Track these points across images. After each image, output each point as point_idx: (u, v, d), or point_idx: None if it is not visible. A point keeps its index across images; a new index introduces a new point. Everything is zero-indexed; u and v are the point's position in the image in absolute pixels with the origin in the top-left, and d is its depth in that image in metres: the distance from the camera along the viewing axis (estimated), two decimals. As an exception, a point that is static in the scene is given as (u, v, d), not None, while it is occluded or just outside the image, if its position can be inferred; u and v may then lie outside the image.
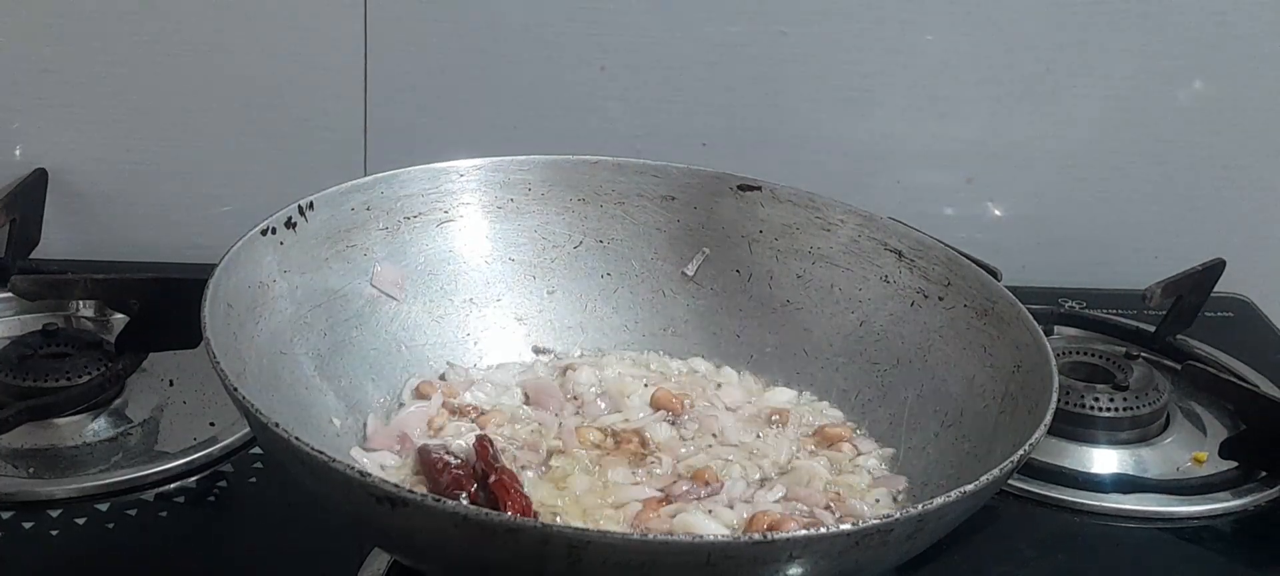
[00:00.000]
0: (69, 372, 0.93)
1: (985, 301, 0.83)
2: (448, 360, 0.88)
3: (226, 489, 0.89)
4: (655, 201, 0.93)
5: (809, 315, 0.90)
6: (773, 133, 1.18)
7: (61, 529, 0.84)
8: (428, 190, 0.89)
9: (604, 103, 1.17)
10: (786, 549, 0.61)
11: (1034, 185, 1.22)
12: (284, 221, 0.82)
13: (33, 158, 1.15)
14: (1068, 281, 1.21)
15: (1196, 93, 1.20)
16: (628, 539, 0.63)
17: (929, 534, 0.66)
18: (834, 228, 0.90)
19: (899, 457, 0.83)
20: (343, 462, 0.62)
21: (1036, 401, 0.74)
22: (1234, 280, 1.16)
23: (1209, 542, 0.92)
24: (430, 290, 0.89)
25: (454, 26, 1.14)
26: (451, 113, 1.16)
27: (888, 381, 0.86)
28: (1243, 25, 1.18)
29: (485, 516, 0.60)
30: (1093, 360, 1.04)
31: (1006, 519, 0.91)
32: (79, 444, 0.92)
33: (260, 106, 1.15)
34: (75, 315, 1.05)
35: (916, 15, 1.16)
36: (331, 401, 0.81)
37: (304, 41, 1.13)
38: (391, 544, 0.71)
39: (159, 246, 1.16)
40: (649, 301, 0.92)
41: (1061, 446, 0.97)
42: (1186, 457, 0.98)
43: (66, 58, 1.12)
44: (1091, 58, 1.18)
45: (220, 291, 0.74)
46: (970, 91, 1.19)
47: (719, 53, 1.16)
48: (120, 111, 1.14)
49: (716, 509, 0.76)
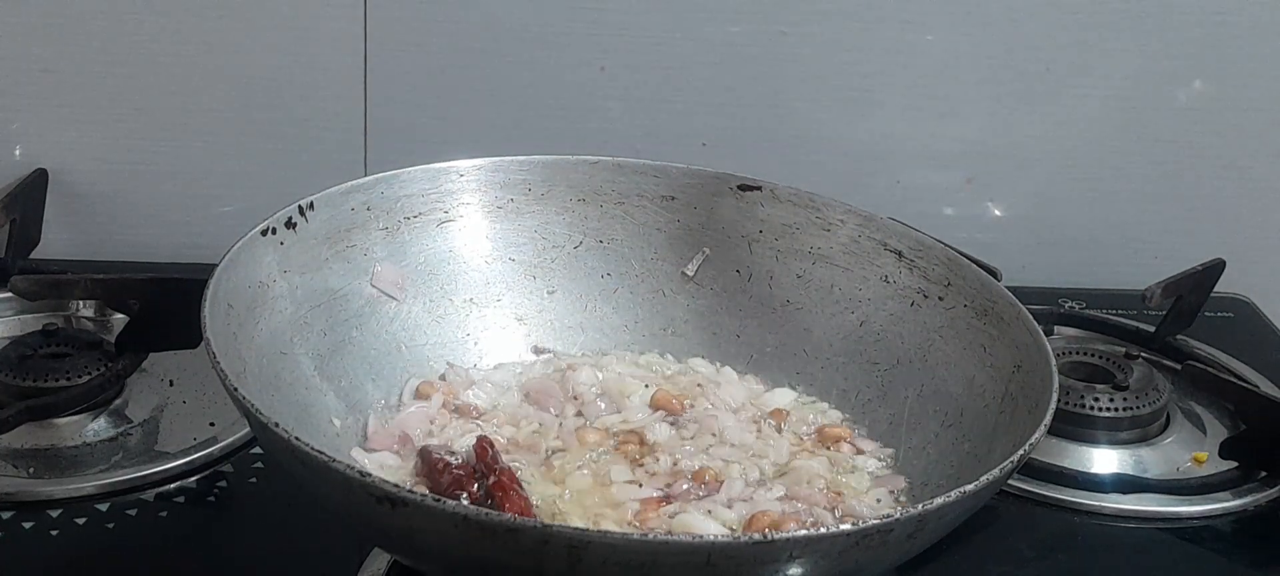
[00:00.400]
0: (69, 372, 0.93)
1: (985, 301, 0.83)
2: (448, 360, 0.88)
3: (226, 489, 0.89)
4: (655, 201, 0.93)
5: (809, 315, 0.90)
6: (773, 133, 1.18)
7: (61, 529, 0.84)
8: (428, 190, 0.89)
9: (604, 103, 1.17)
10: (786, 549, 0.61)
11: (1034, 185, 1.22)
12: (284, 221, 0.82)
13: (33, 158, 1.15)
14: (1068, 281, 1.22)
15: (1196, 93, 1.20)
16: (628, 539, 0.63)
17: (929, 534, 0.66)
18: (834, 228, 0.90)
19: (899, 457, 0.83)
20: (343, 462, 0.62)
21: (1036, 401, 0.74)
22: (1234, 280, 1.16)
23: (1209, 542, 0.92)
24: (430, 290, 0.89)
25: (454, 26, 1.14)
26: (451, 113, 1.16)
27: (888, 381, 0.86)
28: (1243, 25, 1.18)
29: (485, 516, 0.60)
30: (1093, 360, 1.04)
31: (1006, 519, 0.91)
32: (79, 444, 0.92)
33: (260, 106, 1.15)
34: (75, 315, 1.05)
35: (916, 15, 1.16)
36: (331, 401, 0.81)
37: (304, 41, 1.13)
38: (391, 544, 0.71)
39: (159, 246, 1.16)
40: (649, 301, 0.92)
41: (1061, 446, 0.97)
42: (1186, 457, 0.98)
43: (66, 58, 1.12)
44: (1091, 58, 1.18)
45: (220, 291, 0.74)
46: (970, 91, 1.19)
47: (719, 53, 1.16)
48: (120, 111, 1.14)
49: (716, 509, 0.76)
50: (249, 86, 1.14)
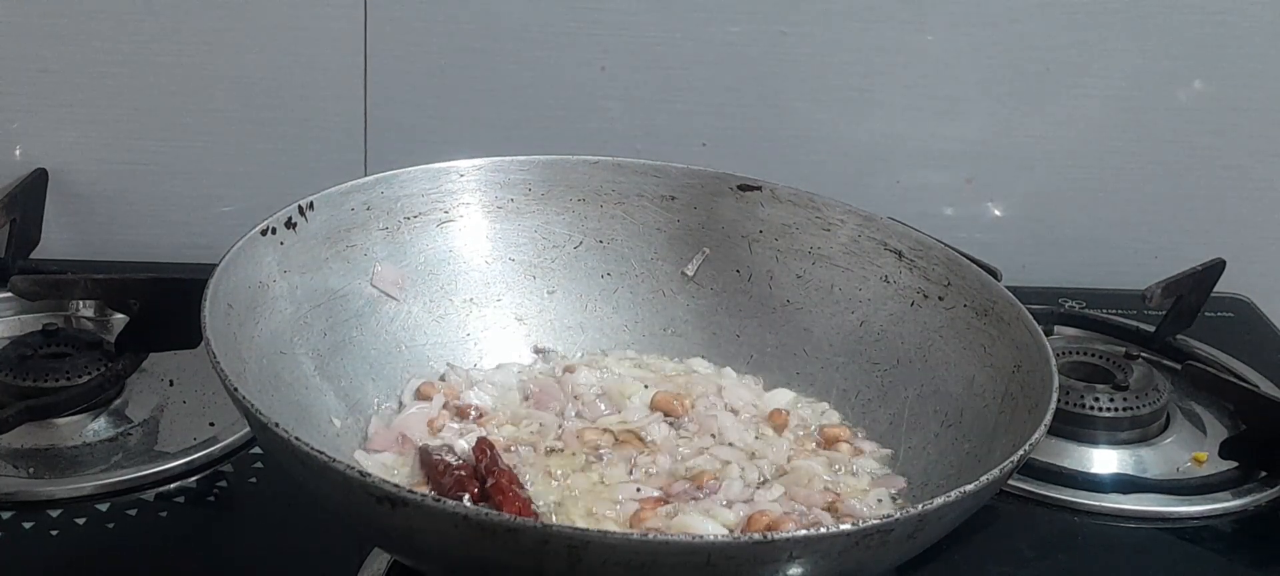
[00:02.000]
0: (69, 372, 0.93)
1: (985, 301, 0.83)
2: (448, 360, 0.88)
3: (226, 489, 0.89)
4: (655, 201, 0.93)
5: (809, 315, 0.90)
6: (773, 133, 1.18)
7: (61, 529, 0.84)
8: (428, 190, 0.89)
9: (604, 103, 1.17)
10: (786, 549, 0.61)
11: (1034, 185, 1.22)
12: (284, 221, 0.82)
13: (33, 158, 1.15)
14: (1068, 281, 1.22)
15: (1196, 93, 1.20)
16: (628, 539, 0.63)
17: (929, 534, 0.66)
18: (834, 228, 0.90)
19: (899, 458, 0.83)
20: (343, 462, 0.62)
21: (1036, 401, 0.74)
22: (1234, 280, 1.16)
23: (1209, 542, 0.92)
24: (430, 290, 0.89)
25: (454, 26, 1.14)
26: (451, 113, 1.16)
27: (888, 381, 0.86)
28: (1243, 25, 1.18)
29: (485, 516, 0.60)
30: (1093, 360, 1.04)
31: (1006, 519, 0.91)
32: (79, 444, 0.92)
33: (260, 106, 1.15)
34: (75, 315, 1.05)
35: (916, 15, 1.16)
36: (331, 401, 0.81)
37: (304, 41, 1.13)
38: (391, 544, 0.71)
39: (159, 246, 1.16)
40: (649, 301, 0.93)
41: (1061, 446, 0.97)
42: (1186, 457, 0.98)
43: (66, 58, 1.12)
44: (1091, 58, 1.18)
45: (220, 291, 0.74)
46: (970, 91, 1.19)
47: (719, 53, 1.16)
48: (120, 111, 1.14)
49: (715, 509, 0.76)
50: (249, 86, 1.14)
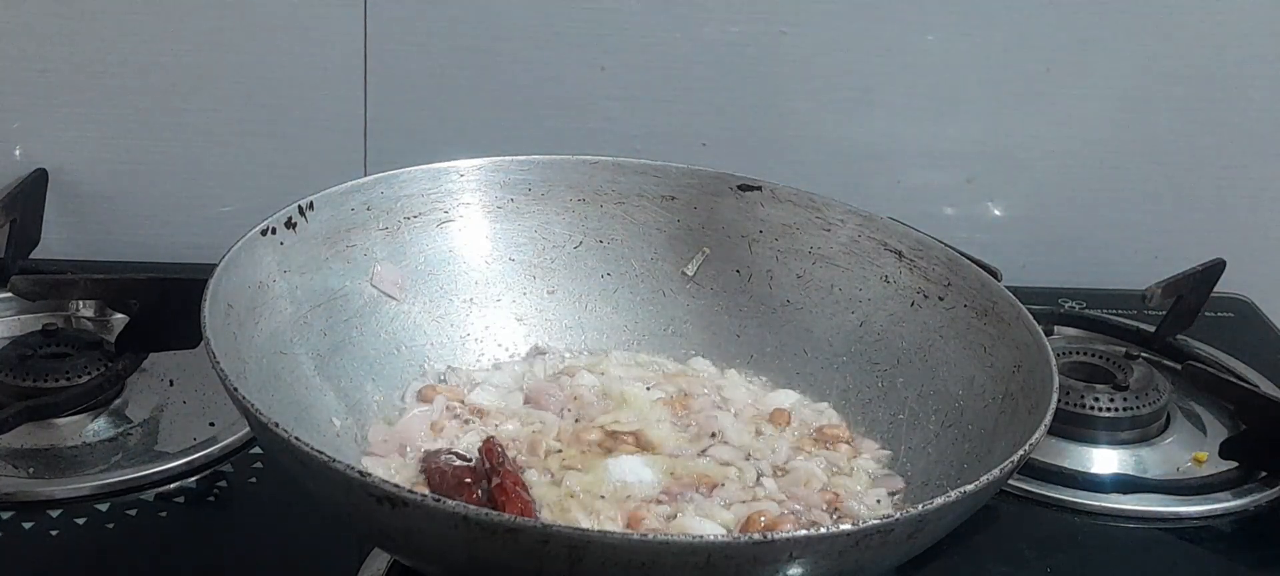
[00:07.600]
0: (69, 372, 0.93)
1: (985, 301, 0.83)
2: (448, 360, 0.88)
3: (226, 489, 0.89)
4: (655, 201, 0.93)
5: (809, 315, 0.90)
6: (773, 133, 1.18)
7: (61, 529, 0.84)
8: (428, 190, 0.89)
9: (604, 103, 1.17)
10: (786, 549, 0.61)
11: (1034, 185, 1.22)
12: (284, 221, 0.82)
13: (33, 158, 1.15)
14: (1068, 281, 1.21)
15: (1196, 93, 1.20)
16: (628, 539, 0.63)
17: (929, 534, 0.66)
18: (834, 228, 0.90)
19: (899, 458, 0.83)
20: (343, 462, 0.62)
21: (1036, 401, 0.74)
22: (1234, 280, 1.16)
23: (1209, 542, 0.92)
24: (430, 290, 0.89)
25: (454, 26, 1.14)
26: (451, 113, 1.16)
27: (888, 381, 0.86)
28: (1243, 25, 1.17)
29: (485, 516, 0.60)
30: (1093, 360, 1.04)
31: (1006, 519, 0.91)
32: (79, 444, 0.92)
33: (260, 106, 1.15)
34: (75, 315, 1.05)
35: (916, 15, 1.16)
36: (331, 401, 0.81)
37: (304, 41, 1.13)
38: (391, 544, 0.71)
39: (159, 246, 1.16)
40: (649, 301, 0.93)
41: (1061, 446, 0.97)
42: (1186, 457, 0.98)
43: (66, 58, 1.12)
44: (1091, 58, 1.18)
45: (220, 291, 0.74)
46: (970, 91, 1.19)
47: (719, 53, 1.16)
48: (120, 111, 1.14)
49: (715, 509, 0.76)
50: (249, 86, 1.14)
